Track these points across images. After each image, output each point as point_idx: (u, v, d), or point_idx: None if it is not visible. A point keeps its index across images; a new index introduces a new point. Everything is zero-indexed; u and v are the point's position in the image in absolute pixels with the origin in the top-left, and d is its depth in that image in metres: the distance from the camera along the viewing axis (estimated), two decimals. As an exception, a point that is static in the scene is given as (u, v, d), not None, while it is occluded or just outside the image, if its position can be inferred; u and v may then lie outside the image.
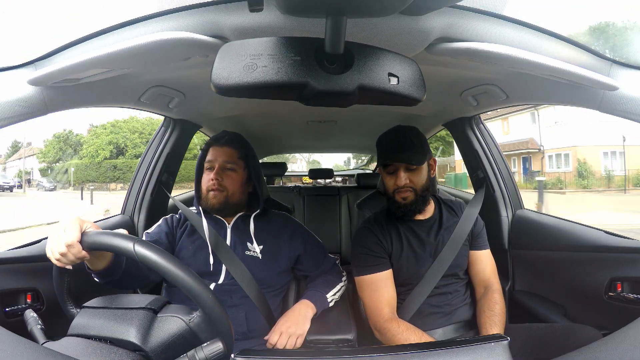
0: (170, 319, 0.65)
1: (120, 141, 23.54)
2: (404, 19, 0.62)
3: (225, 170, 1.09)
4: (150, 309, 0.66)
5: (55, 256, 0.66)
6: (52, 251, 0.67)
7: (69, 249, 0.65)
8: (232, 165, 1.10)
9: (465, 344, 0.55)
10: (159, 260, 0.63)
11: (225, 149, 1.11)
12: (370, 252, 1.09)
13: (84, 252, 0.66)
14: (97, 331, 0.63)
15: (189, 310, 0.67)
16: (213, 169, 1.09)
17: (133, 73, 0.88)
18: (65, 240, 0.65)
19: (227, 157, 1.10)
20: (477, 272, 1.15)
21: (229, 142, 1.12)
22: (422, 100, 0.54)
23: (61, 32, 52.50)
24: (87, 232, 0.67)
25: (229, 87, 0.47)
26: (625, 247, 1.02)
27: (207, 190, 1.09)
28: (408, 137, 1.06)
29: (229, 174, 1.10)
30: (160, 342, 0.62)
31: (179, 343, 0.63)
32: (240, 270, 1.04)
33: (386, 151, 1.07)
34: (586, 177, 17.01)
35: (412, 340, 0.95)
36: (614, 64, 0.72)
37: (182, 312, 0.66)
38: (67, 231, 0.65)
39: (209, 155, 1.12)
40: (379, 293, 1.06)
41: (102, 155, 23.10)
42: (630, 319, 0.60)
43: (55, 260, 0.67)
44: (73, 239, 0.65)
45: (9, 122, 0.68)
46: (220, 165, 1.09)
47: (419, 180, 1.07)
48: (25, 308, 0.86)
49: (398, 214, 1.11)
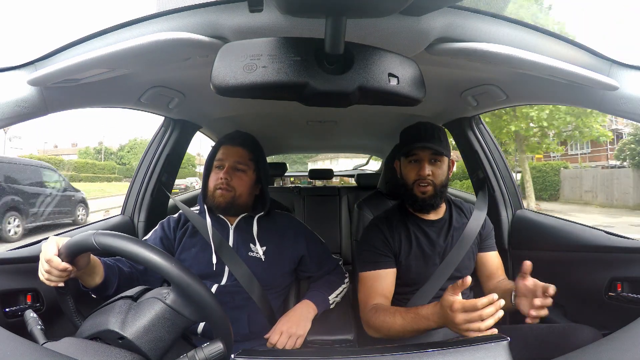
0: (147, 301, 0.65)
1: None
2: (403, 19, 0.62)
3: (235, 171, 1.09)
4: (128, 297, 0.66)
5: (44, 276, 0.73)
6: (41, 273, 0.74)
7: (50, 264, 0.71)
8: (243, 166, 1.10)
9: (465, 344, 0.55)
10: (120, 244, 0.64)
11: (238, 149, 1.10)
12: (375, 250, 1.09)
13: (63, 264, 0.71)
14: (88, 332, 0.63)
15: (164, 289, 0.67)
16: (223, 167, 1.08)
17: (133, 73, 0.88)
18: (44, 256, 0.72)
19: (238, 158, 1.09)
20: (489, 273, 1.15)
21: (242, 142, 1.12)
22: (422, 100, 0.54)
23: (61, 32, 52.54)
24: (61, 245, 0.73)
25: (228, 87, 0.47)
26: (625, 247, 1.02)
27: (214, 188, 1.07)
28: (435, 129, 1.08)
29: (239, 175, 1.09)
30: (140, 325, 0.62)
31: (160, 324, 0.63)
32: (243, 272, 1.03)
33: (412, 140, 1.08)
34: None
35: (387, 321, 0.94)
36: (613, 64, 0.72)
37: (158, 293, 0.66)
38: (45, 249, 0.73)
39: (220, 153, 1.10)
40: (373, 289, 1.05)
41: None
42: (630, 319, 0.60)
43: (46, 280, 0.73)
44: (50, 254, 0.71)
45: (9, 123, 0.68)
46: (231, 165, 1.08)
47: (440, 174, 1.08)
48: (25, 308, 0.86)
49: (415, 208, 1.12)
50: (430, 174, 1.06)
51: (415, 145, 1.07)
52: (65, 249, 0.71)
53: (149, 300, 0.65)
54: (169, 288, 0.66)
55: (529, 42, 0.68)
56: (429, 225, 1.13)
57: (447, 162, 1.10)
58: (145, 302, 0.65)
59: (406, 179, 1.11)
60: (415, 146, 1.07)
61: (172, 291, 0.65)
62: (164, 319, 0.63)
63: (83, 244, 0.68)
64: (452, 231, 1.13)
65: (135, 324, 0.62)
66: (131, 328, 0.61)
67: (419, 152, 1.07)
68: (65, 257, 0.71)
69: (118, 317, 0.62)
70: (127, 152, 24.87)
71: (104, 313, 0.65)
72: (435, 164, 1.08)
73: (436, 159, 1.07)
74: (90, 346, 0.60)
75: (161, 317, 0.63)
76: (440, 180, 1.08)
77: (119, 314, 0.63)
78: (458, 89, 1.15)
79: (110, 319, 0.62)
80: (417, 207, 1.11)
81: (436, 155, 1.07)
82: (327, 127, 1.90)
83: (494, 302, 0.71)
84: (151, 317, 0.63)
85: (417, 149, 1.07)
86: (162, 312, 0.63)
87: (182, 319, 0.65)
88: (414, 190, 1.08)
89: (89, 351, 0.59)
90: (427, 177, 1.06)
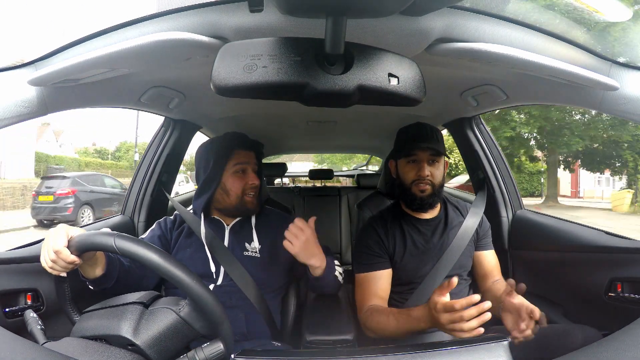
0: (160, 310, 0.65)
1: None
2: (404, 20, 0.62)
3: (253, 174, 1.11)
4: (141, 303, 0.66)
5: (48, 264, 0.71)
6: (44, 260, 0.71)
7: (58, 255, 0.69)
8: (257, 168, 1.12)
9: (465, 344, 0.55)
10: (140, 250, 0.63)
11: (251, 153, 1.12)
12: (370, 251, 1.10)
13: (72, 257, 0.70)
14: (93, 331, 0.63)
15: (179, 301, 0.67)
16: (244, 171, 1.09)
17: (133, 73, 0.88)
18: (53, 246, 0.69)
19: (255, 162, 1.12)
20: (485, 271, 1.15)
21: (252, 145, 1.13)
22: (422, 100, 0.54)
23: (61, 32, 52.52)
24: (73, 236, 0.71)
25: (229, 87, 0.47)
26: (625, 247, 1.02)
27: (243, 193, 1.08)
28: (433, 130, 1.11)
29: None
30: (152, 335, 0.62)
31: (171, 335, 0.63)
32: (238, 272, 1.04)
33: (411, 141, 1.09)
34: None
35: (382, 321, 0.94)
36: (613, 64, 0.72)
37: (172, 303, 0.66)
38: (54, 239, 0.70)
39: (240, 157, 1.09)
40: (369, 290, 1.06)
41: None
42: (630, 319, 0.60)
43: (48, 269, 0.71)
44: (60, 245, 0.69)
45: (9, 122, 0.68)
46: (253, 169, 1.11)
47: (438, 174, 1.10)
48: (25, 308, 0.86)
49: (413, 207, 1.12)
50: (429, 174, 1.08)
51: (417, 146, 1.07)
52: (78, 244, 0.69)
53: (163, 310, 0.65)
54: (185, 301, 0.66)
55: (529, 42, 0.68)
56: (424, 223, 1.14)
57: (443, 162, 1.12)
58: (158, 311, 0.65)
59: (404, 179, 1.12)
60: (416, 146, 1.08)
61: (187, 305, 0.65)
62: (176, 331, 0.63)
63: (102, 244, 0.67)
64: (447, 229, 1.13)
65: (147, 333, 0.62)
66: (143, 336, 0.61)
67: (419, 152, 1.08)
68: (75, 250, 0.70)
69: (130, 323, 0.62)
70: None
71: (114, 317, 0.64)
72: (434, 164, 1.09)
73: (435, 159, 1.09)
74: (91, 346, 0.60)
75: (173, 328, 0.63)
76: (438, 180, 1.09)
77: (131, 320, 0.62)
78: (458, 89, 1.15)
79: (122, 325, 0.61)
80: (415, 207, 1.12)
81: (435, 156, 1.09)
82: (327, 127, 1.90)
83: (478, 306, 0.71)
84: (164, 327, 0.63)
85: (417, 149, 1.08)
86: (174, 324, 0.64)
87: (193, 331, 0.65)
88: (412, 190, 1.09)
89: (89, 351, 0.58)
90: (427, 178, 1.07)
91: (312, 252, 0.96)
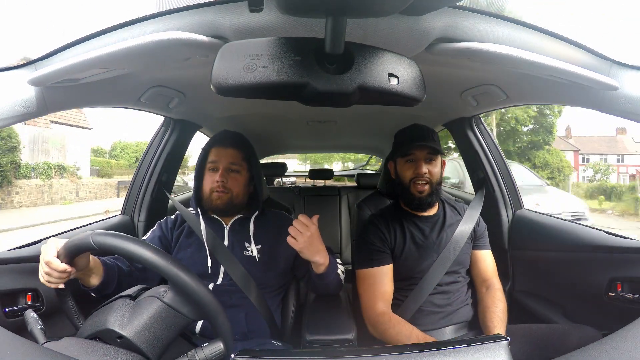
0: (145, 300, 0.65)
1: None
2: (404, 19, 0.62)
3: (229, 172, 1.09)
4: (127, 296, 0.67)
5: (44, 278, 0.74)
6: (41, 275, 0.74)
7: (49, 265, 0.72)
8: (237, 167, 1.10)
9: (465, 344, 0.55)
10: (117, 243, 0.64)
11: (230, 150, 1.10)
12: (373, 246, 1.12)
13: (63, 265, 0.72)
14: (89, 331, 0.64)
15: (162, 288, 0.67)
16: (217, 170, 1.08)
17: (133, 73, 0.88)
18: (44, 258, 0.73)
19: (232, 159, 1.09)
20: (480, 271, 1.18)
21: (233, 143, 1.12)
22: (422, 100, 0.54)
23: (61, 32, 52.52)
24: (59, 246, 0.73)
25: (228, 87, 0.47)
26: (625, 247, 1.02)
27: (210, 191, 1.08)
28: (429, 131, 1.15)
29: (234, 176, 1.09)
30: (139, 324, 0.62)
31: (158, 322, 0.63)
32: (238, 271, 1.04)
33: (409, 141, 1.12)
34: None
35: (403, 334, 0.96)
36: (614, 64, 0.72)
37: (155, 291, 0.67)
38: (44, 252, 0.74)
39: (213, 155, 1.10)
40: (375, 287, 1.08)
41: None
42: (630, 319, 0.59)
43: (46, 282, 0.74)
44: (49, 256, 0.72)
45: (9, 122, 0.68)
46: (225, 167, 1.08)
47: (436, 173, 1.13)
48: (25, 308, 0.86)
49: (412, 206, 1.15)
50: (427, 172, 1.11)
51: (414, 145, 1.11)
52: (64, 250, 0.71)
53: (147, 299, 0.65)
54: (167, 286, 0.66)
55: (529, 42, 0.68)
56: (423, 220, 1.17)
57: (440, 161, 1.15)
58: (143, 300, 0.65)
59: (403, 178, 1.15)
60: (412, 145, 1.11)
61: (169, 289, 0.65)
62: (163, 318, 0.63)
63: (81, 244, 0.68)
64: (445, 227, 1.16)
65: (133, 323, 0.62)
66: (130, 327, 0.61)
67: (416, 151, 1.12)
68: (65, 258, 0.71)
69: (117, 316, 0.63)
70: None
71: (103, 312, 0.65)
72: (431, 163, 1.12)
73: (431, 158, 1.12)
74: (90, 346, 0.60)
75: (159, 315, 0.63)
76: (436, 178, 1.13)
77: (118, 313, 0.63)
78: (458, 89, 1.15)
79: (109, 318, 0.62)
80: (414, 206, 1.15)
81: (431, 155, 1.12)
82: (327, 127, 1.90)
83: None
84: (149, 315, 0.63)
85: (414, 148, 1.11)
86: (160, 311, 0.64)
87: (181, 317, 0.65)
88: (410, 189, 1.12)
89: (89, 351, 0.59)
90: (424, 175, 1.10)
91: (316, 248, 0.96)
